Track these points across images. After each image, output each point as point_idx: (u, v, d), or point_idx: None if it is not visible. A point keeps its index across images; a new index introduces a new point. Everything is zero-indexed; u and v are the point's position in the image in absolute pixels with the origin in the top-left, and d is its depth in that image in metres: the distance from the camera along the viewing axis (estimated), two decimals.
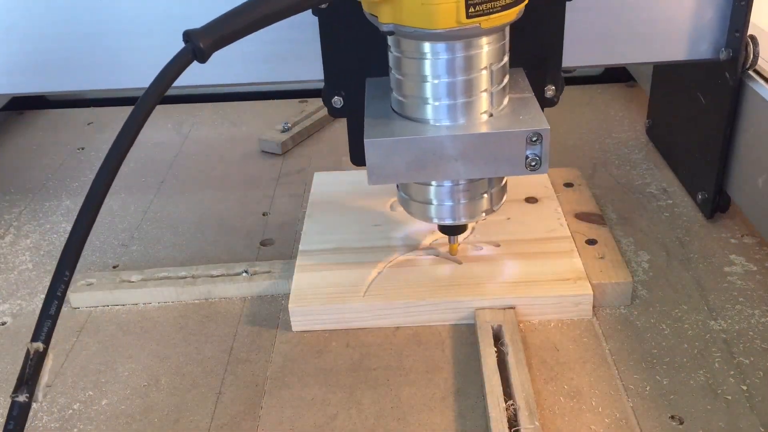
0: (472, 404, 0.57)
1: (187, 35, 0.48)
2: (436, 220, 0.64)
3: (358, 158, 0.69)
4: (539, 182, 0.79)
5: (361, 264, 0.69)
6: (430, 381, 0.60)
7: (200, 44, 0.48)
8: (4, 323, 0.69)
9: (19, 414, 0.41)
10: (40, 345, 0.42)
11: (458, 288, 0.66)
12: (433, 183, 0.61)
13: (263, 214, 0.84)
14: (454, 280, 0.66)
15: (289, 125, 1.00)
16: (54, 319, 0.43)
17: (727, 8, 0.67)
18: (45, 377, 0.43)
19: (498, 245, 0.70)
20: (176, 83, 0.50)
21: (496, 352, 0.60)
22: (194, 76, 0.64)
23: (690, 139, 0.81)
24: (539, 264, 0.68)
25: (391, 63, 0.58)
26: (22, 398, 0.42)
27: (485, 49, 0.55)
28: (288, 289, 0.67)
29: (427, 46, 0.54)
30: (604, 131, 0.97)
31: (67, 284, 0.44)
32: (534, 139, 0.55)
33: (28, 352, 0.42)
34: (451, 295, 0.65)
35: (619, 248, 0.70)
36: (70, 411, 0.59)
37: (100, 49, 0.71)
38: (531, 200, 0.76)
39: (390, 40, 0.57)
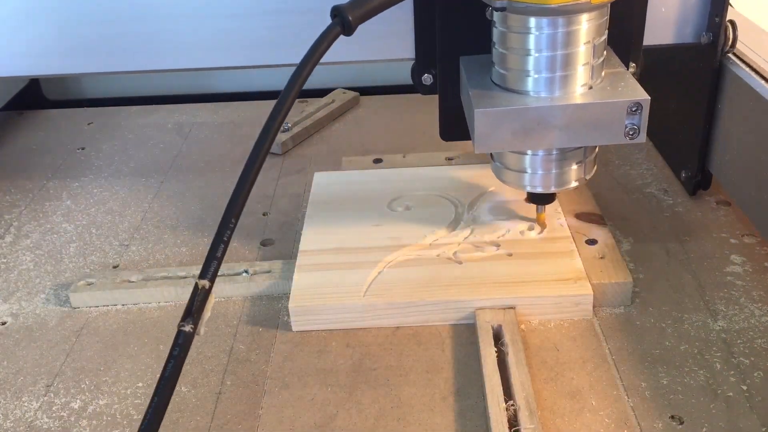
0: (472, 404, 0.57)
1: (337, 9, 0.53)
2: (528, 188, 0.67)
3: (449, 134, 0.72)
4: None
5: (361, 264, 0.69)
6: (430, 381, 0.60)
7: (349, 17, 0.53)
8: (4, 323, 0.69)
9: (183, 342, 0.46)
10: (206, 282, 0.47)
11: (458, 288, 0.66)
12: (529, 152, 0.64)
13: (263, 214, 0.84)
14: (454, 280, 0.66)
15: (289, 125, 1.00)
16: (219, 260, 0.48)
17: None
18: (208, 313, 0.47)
19: (498, 245, 0.70)
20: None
21: (496, 352, 0.60)
22: (281, 56, 0.72)
23: (674, 121, 0.84)
24: (539, 264, 0.68)
25: (495, 38, 0.61)
26: (187, 328, 0.46)
27: (589, 24, 0.58)
28: (288, 289, 0.67)
29: (534, 21, 0.58)
30: None
31: (232, 230, 0.49)
32: (634, 108, 0.58)
33: (196, 286, 0.47)
34: (451, 295, 0.65)
35: (619, 248, 0.70)
36: (70, 411, 0.59)
37: (133, 31, 0.74)
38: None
39: (497, 16, 0.60)
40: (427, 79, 0.71)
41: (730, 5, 0.72)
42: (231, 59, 0.75)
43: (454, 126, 0.70)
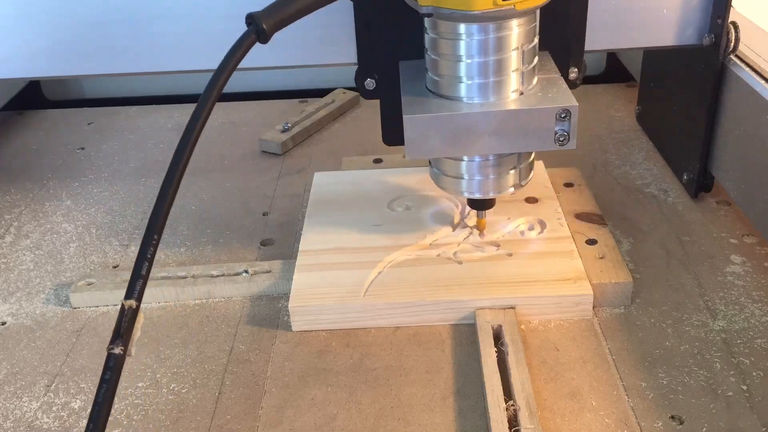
0: (472, 404, 0.57)
1: (251, 17, 0.52)
2: (466, 194, 0.67)
3: (390, 138, 0.72)
4: (539, 182, 0.79)
5: (361, 264, 0.69)
6: (430, 381, 0.60)
7: (263, 25, 0.51)
8: (4, 323, 0.69)
9: (114, 365, 0.45)
10: (133, 302, 0.47)
11: (458, 288, 0.66)
12: (465, 158, 0.64)
13: (263, 214, 0.84)
14: (454, 280, 0.66)
15: (289, 125, 1.00)
16: (145, 279, 0.48)
17: None
18: (138, 333, 0.47)
19: (498, 245, 0.70)
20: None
21: (496, 352, 0.60)
22: (278, 59, 0.72)
23: (676, 122, 0.84)
24: (539, 264, 0.68)
25: (427, 44, 0.61)
26: (117, 350, 0.45)
27: (517, 30, 0.58)
28: (288, 289, 0.67)
29: (462, 27, 0.58)
30: (604, 131, 0.97)
31: (155, 246, 0.49)
32: (563, 115, 0.59)
33: (122, 307, 0.47)
34: (451, 295, 0.65)
35: (619, 248, 0.70)
36: (70, 411, 0.59)
37: (132, 33, 0.73)
38: (531, 200, 0.77)
39: (427, 22, 0.60)
40: (369, 84, 0.70)
41: (732, 7, 0.72)
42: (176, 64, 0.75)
43: (397, 131, 0.66)
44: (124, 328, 0.46)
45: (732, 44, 0.72)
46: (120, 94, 1.22)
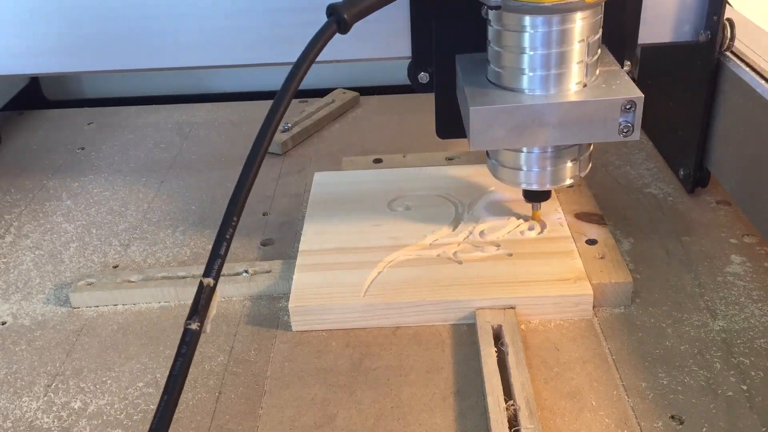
0: (472, 404, 0.57)
1: (332, 8, 0.53)
2: (524, 185, 0.67)
3: (444, 131, 0.72)
4: None
5: (361, 264, 0.69)
6: (430, 381, 0.60)
7: (345, 16, 0.52)
8: (4, 323, 0.69)
9: (191, 339, 0.47)
10: (211, 280, 0.48)
11: (458, 288, 0.66)
12: (524, 149, 0.65)
13: (263, 214, 0.84)
14: (454, 280, 0.66)
15: (289, 125, 1.00)
16: (223, 258, 0.49)
17: None
18: (213, 311, 0.48)
19: (498, 245, 0.70)
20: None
21: (496, 352, 0.60)
22: (277, 54, 0.73)
23: (672, 118, 0.85)
24: (539, 264, 0.68)
25: (490, 36, 0.62)
26: (194, 326, 0.47)
27: (581, 22, 0.58)
28: (288, 289, 0.67)
29: (528, 20, 0.58)
30: None
31: (234, 228, 0.50)
32: (628, 106, 0.59)
33: (201, 284, 0.48)
34: (451, 295, 0.65)
35: (619, 248, 0.70)
36: (70, 411, 0.59)
37: (138, 28, 0.74)
38: None
39: (491, 14, 0.61)
40: (423, 77, 0.71)
41: (729, 4, 0.72)
42: (230, 58, 0.75)
43: (451, 124, 0.70)
44: (201, 304, 0.48)
45: (727, 41, 0.73)
46: (120, 94, 1.23)
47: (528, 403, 0.55)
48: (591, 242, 0.71)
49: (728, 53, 0.74)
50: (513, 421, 0.54)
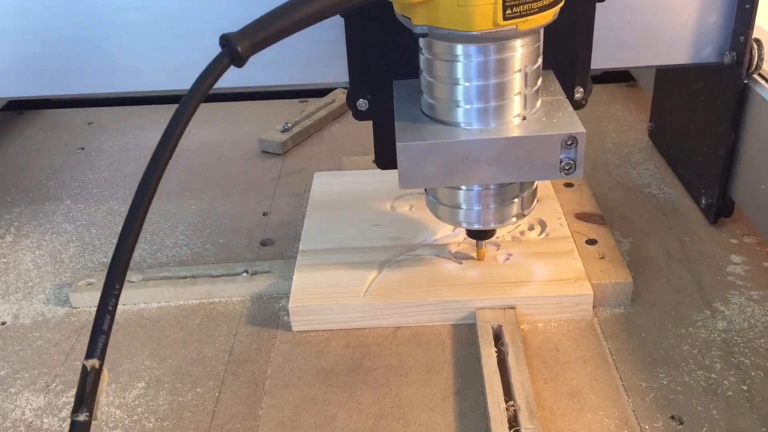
0: (472, 404, 0.57)
1: (225, 39, 0.47)
2: (464, 225, 0.63)
3: (383, 161, 0.68)
4: (539, 182, 0.79)
5: (361, 264, 0.69)
6: (430, 381, 0.60)
7: (238, 48, 0.46)
8: (4, 323, 0.69)
9: None
10: (96, 361, 0.41)
11: (458, 288, 0.66)
12: (462, 187, 0.61)
13: (263, 214, 0.84)
14: (454, 280, 0.66)
15: (289, 125, 1.00)
16: (107, 334, 0.42)
17: (732, 11, 0.67)
18: (103, 394, 0.42)
19: (498, 245, 0.70)
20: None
21: (496, 352, 0.60)
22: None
23: (693, 143, 0.80)
24: (539, 264, 0.67)
25: (422, 65, 0.58)
26: (82, 417, 0.41)
27: (520, 51, 0.54)
28: (288, 289, 0.67)
29: (460, 49, 0.54)
30: (604, 131, 0.97)
31: (117, 297, 0.43)
32: (569, 142, 0.55)
33: (84, 368, 0.41)
34: (451, 295, 0.65)
35: (619, 248, 0.70)
36: (70, 411, 0.59)
37: (98, 52, 0.70)
38: None
39: (422, 42, 0.56)
40: (362, 104, 0.66)
41: (756, 24, 0.68)
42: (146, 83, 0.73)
43: (392, 153, 0.58)
44: (88, 391, 0.41)
45: (755, 62, 0.68)
46: (120, 94, 1.22)
47: (528, 403, 0.55)
48: (591, 242, 0.71)
49: (756, 76, 0.70)
50: (513, 421, 0.54)
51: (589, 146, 0.92)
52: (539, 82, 0.58)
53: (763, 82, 0.69)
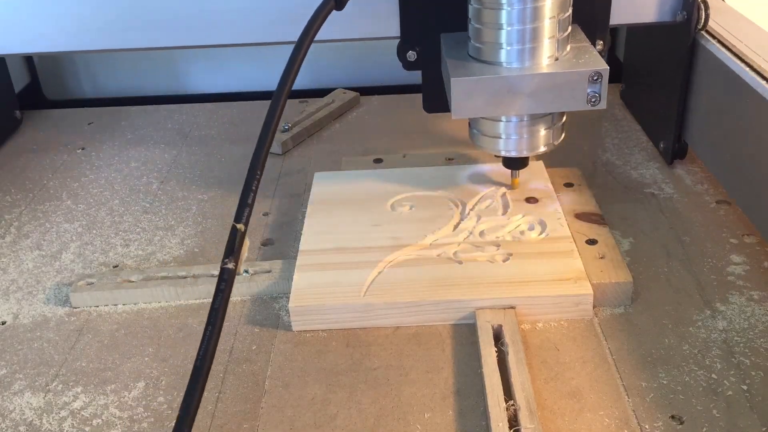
0: (472, 404, 0.57)
1: None
2: (503, 153, 0.73)
3: (430, 106, 0.78)
4: (539, 182, 0.79)
5: (361, 264, 0.69)
6: (430, 381, 0.60)
7: None
8: (4, 323, 0.69)
9: (228, 278, 0.53)
10: (242, 225, 0.54)
11: (458, 288, 0.66)
12: (502, 119, 0.70)
13: (263, 214, 0.84)
14: (454, 280, 0.66)
15: (289, 125, 1.00)
16: (251, 206, 0.55)
17: None
18: (245, 254, 0.54)
19: (498, 245, 0.70)
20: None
21: (496, 351, 0.60)
22: (274, 34, 0.79)
23: (654, 96, 0.91)
24: (539, 264, 0.68)
25: (470, 14, 0.67)
26: (230, 265, 0.53)
27: (553, 0, 0.64)
28: (288, 289, 0.67)
29: None
30: (604, 131, 0.97)
31: (259, 180, 0.55)
32: (595, 78, 0.64)
33: (233, 228, 0.54)
34: (451, 295, 0.65)
35: (619, 248, 0.70)
36: (70, 411, 0.59)
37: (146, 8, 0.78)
38: (531, 200, 0.77)
39: None
40: (411, 55, 0.76)
41: None
42: (236, 37, 0.80)
43: (436, 99, 0.76)
44: (236, 246, 0.53)
45: (702, 20, 0.78)
46: (120, 94, 1.22)
47: (528, 403, 0.55)
48: (591, 242, 0.71)
49: (704, 32, 0.79)
50: (513, 421, 0.54)
51: (589, 146, 0.93)
52: (569, 29, 0.67)
53: (709, 37, 0.79)
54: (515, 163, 0.75)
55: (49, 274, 0.76)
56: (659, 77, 0.89)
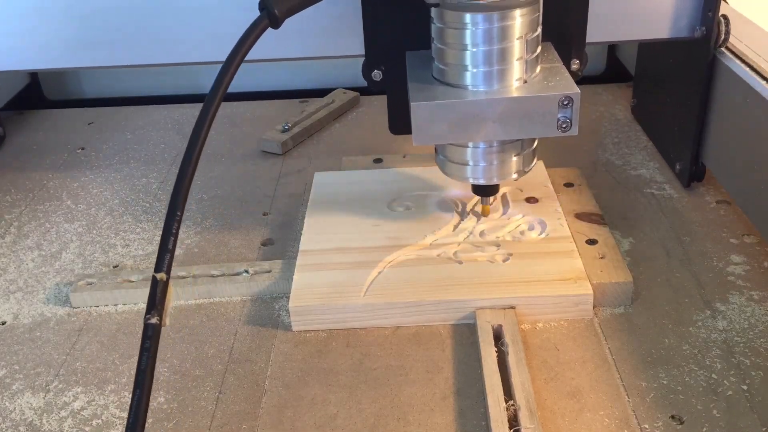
0: (472, 404, 0.57)
1: (263, 2, 0.54)
2: (471, 180, 0.69)
3: (396, 127, 0.75)
4: (539, 182, 0.79)
5: (361, 264, 0.69)
6: (430, 381, 0.60)
7: (275, 11, 0.54)
8: (4, 323, 0.69)
9: (153, 334, 0.48)
10: (163, 275, 0.50)
11: (458, 288, 0.66)
12: (470, 145, 0.66)
13: (263, 214, 0.84)
14: (454, 280, 0.66)
15: (289, 125, 1.00)
16: (172, 252, 0.51)
17: None
18: (170, 304, 0.50)
19: (498, 245, 0.70)
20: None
21: (496, 351, 0.60)
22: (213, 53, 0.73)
23: (669, 114, 0.87)
24: (539, 264, 0.67)
25: (433, 34, 0.63)
26: (154, 320, 0.49)
27: (521, 19, 0.60)
28: (288, 289, 0.67)
29: (468, 17, 0.60)
30: (604, 131, 0.97)
31: (179, 222, 0.52)
32: (565, 102, 0.60)
33: (154, 279, 0.49)
34: (451, 295, 0.65)
35: (619, 248, 0.70)
36: (70, 410, 0.59)
37: (150, 25, 0.76)
38: (531, 200, 0.77)
39: (434, 12, 0.63)
40: (376, 75, 0.73)
41: (725, 1, 0.74)
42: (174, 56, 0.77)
43: (403, 120, 0.72)
44: (158, 298, 0.49)
45: (722, 37, 0.74)
46: (120, 94, 1.22)
47: (528, 403, 0.55)
48: (591, 242, 0.71)
49: (723, 49, 0.75)
50: (513, 421, 0.54)
51: (589, 146, 0.93)
52: (538, 49, 0.63)
53: (729, 54, 0.75)
54: (485, 191, 0.71)
55: (49, 274, 0.76)
56: (675, 95, 0.84)
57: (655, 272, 0.70)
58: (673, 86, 0.85)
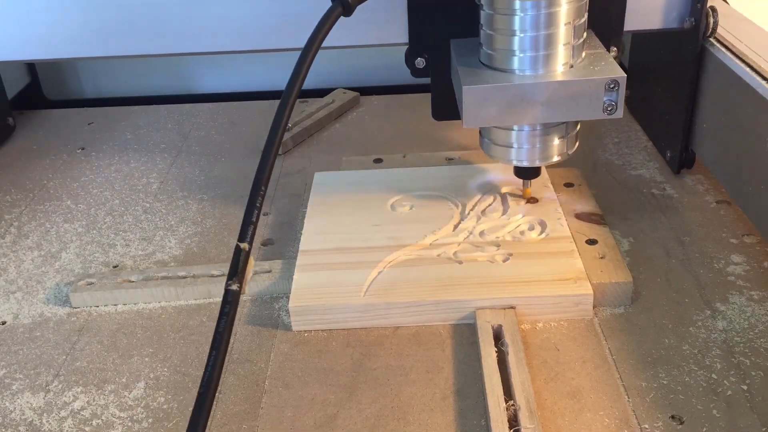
0: (472, 404, 0.57)
1: None
2: (515, 162, 0.71)
3: (439, 114, 0.77)
4: (539, 182, 0.79)
5: (361, 264, 0.69)
6: (430, 381, 0.60)
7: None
8: (4, 323, 0.69)
9: (232, 299, 0.51)
10: (246, 244, 0.53)
11: (458, 288, 0.66)
12: (514, 128, 0.68)
13: (263, 214, 0.84)
14: (454, 280, 0.66)
15: (290, 125, 1.00)
16: (255, 224, 0.54)
17: None
18: (250, 274, 0.54)
19: (498, 245, 0.70)
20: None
21: (496, 351, 0.60)
22: (283, 40, 0.78)
23: (660, 104, 0.89)
24: (539, 264, 0.67)
25: (482, 20, 0.66)
26: (234, 286, 0.51)
27: (569, 6, 0.62)
28: (288, 289, 0.67)
29: (517, 4, 0.62)
30: (604, 131, 0.97)
31: (263, 197, 0.55)
32: (612, 85, 0.62)
33: (237, 247, 0.52)
34: (451, 295, 0.65)
35: (619, 248, 0.70)
36: (70, 411, 0.59)
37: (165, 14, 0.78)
38: (531, 200, 0.77)
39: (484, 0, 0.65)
40: (419, 62, 0.75)
41: None
42: (241, 43, 0.79)
43: (445, 106, 0.75)
44: (240, 266, 0.52)
45: (711, 28, 0.76)
46: (120, 94, 1.23)
47: (528, 403, 0.55)
48: (591, 242, 0.71)
49: (712, 39, 0.78)
50: (513, 421, 0.54)
51: (589, 146, 0.93)
52: (584, 35, 0.65)
53: (718, 45, 0.77)
54: (527, 173, 0.74)
55: (49, 274, 0.76)
56: (665, 85, 0.87)
57: (655, 272, 0.70)
58: (663, 77, 0.87)
